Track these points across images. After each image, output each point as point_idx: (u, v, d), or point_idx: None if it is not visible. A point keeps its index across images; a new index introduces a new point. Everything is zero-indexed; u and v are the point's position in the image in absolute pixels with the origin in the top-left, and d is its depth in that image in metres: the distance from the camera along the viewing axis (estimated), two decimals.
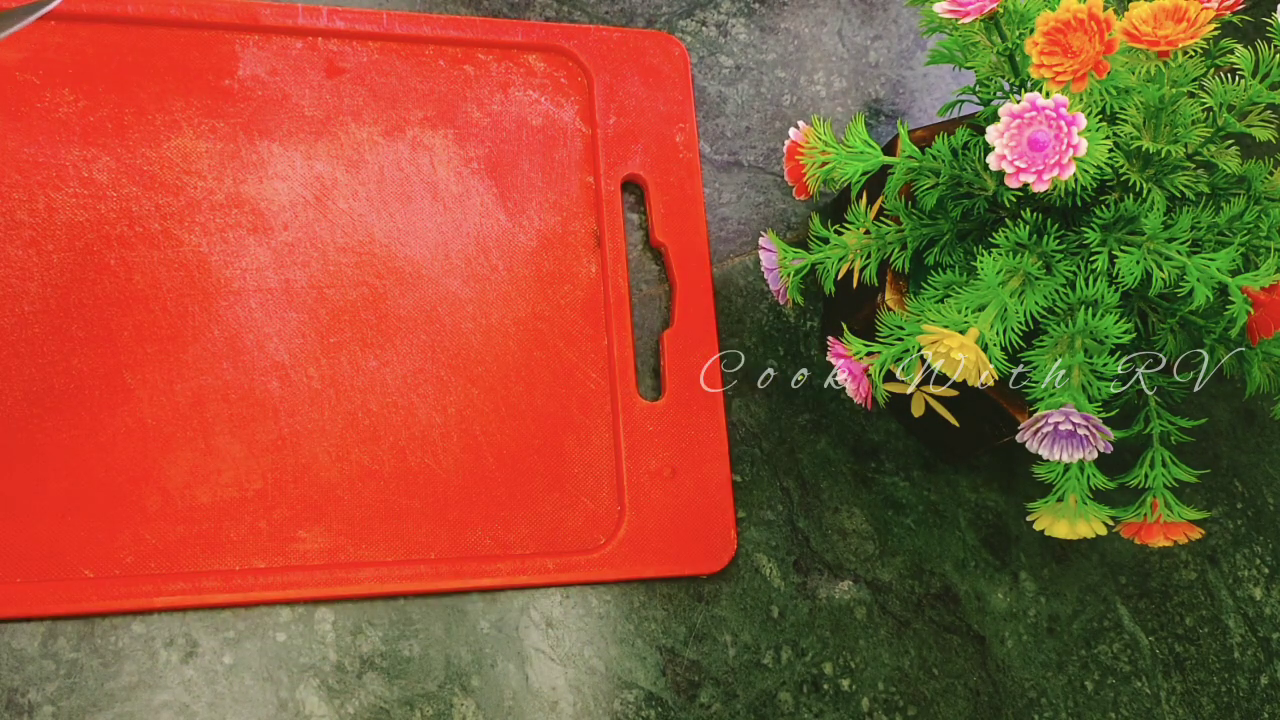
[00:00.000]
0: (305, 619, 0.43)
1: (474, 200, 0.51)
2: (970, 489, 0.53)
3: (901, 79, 0.61)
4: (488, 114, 0.53)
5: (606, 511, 0.48)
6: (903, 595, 0.51)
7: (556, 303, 0.51)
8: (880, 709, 0.48)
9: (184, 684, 0.42)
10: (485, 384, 0.48)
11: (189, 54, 0.49)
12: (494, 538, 0.46)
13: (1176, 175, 0.41)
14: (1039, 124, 0.37)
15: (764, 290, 0.55)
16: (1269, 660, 0.54)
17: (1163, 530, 0.41)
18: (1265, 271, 0.37)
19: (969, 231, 0.45)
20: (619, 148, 0.54)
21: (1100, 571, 0.54)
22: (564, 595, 0.46)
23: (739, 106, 0.58)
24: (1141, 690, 0.52)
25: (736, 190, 0.56)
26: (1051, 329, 0.40)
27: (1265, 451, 0.58)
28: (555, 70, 0.55)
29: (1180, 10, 0.36)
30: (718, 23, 0.59)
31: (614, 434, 0.49)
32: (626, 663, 0.46)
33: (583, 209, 0.53)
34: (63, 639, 0.41)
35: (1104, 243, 0.40)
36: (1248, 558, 0.56)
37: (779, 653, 0.48)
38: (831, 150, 0.45)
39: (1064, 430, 0.39)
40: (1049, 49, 0.37)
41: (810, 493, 0.51)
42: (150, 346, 0.45)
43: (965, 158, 0.45)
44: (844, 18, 0.62)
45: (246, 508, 0.44)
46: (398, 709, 0.43)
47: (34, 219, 0.45)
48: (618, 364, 0.50)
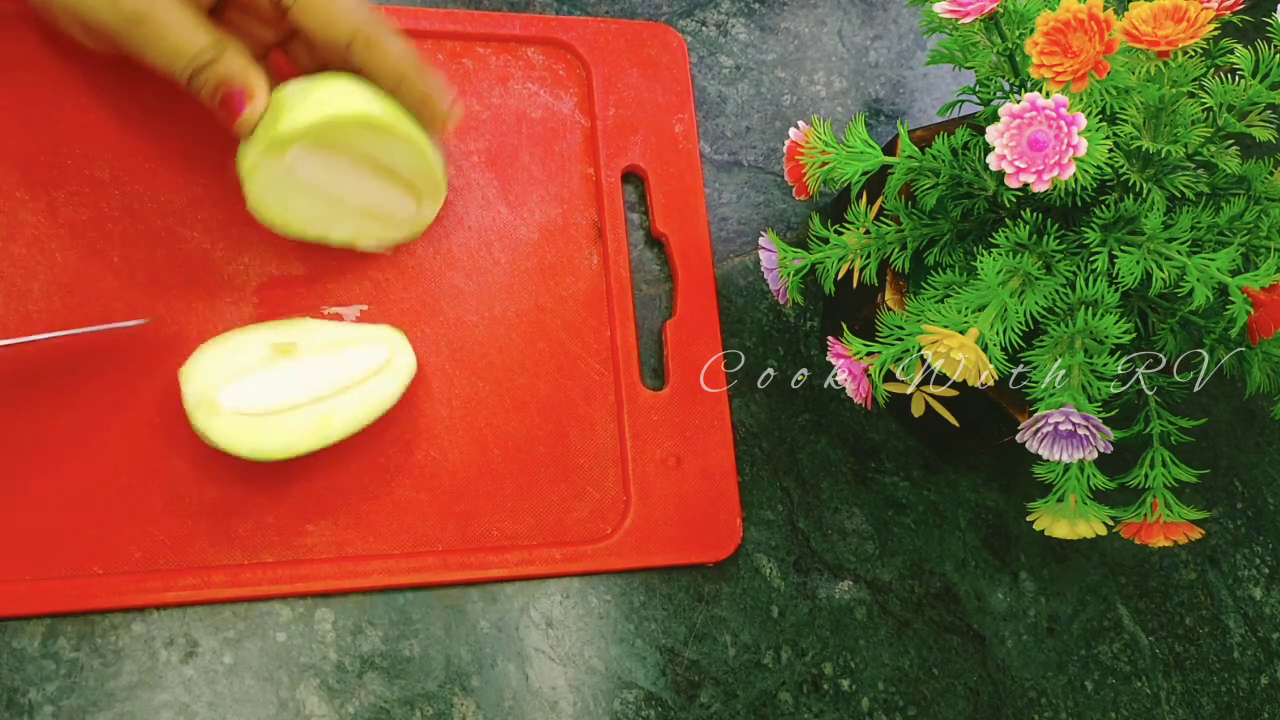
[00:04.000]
0: (305, 618, 0.43)
1: (475, 193, 0.51)
2: (970, 489, 0.53)
3: (901, 79, 0.61)
4: (487, 107, 0.53)
5: (613, 501, 0.48)
6: (903, 595, 0.51)
7: (559, 294, 0.51)
8: (880, 709, 0.48)
9: (184, 684, 0.42)
10: (489, 376, 0.48)
11: None
12: (501, 529, 0.46)
13: (1176, 175, 0.41)
14: (1039, 124, 0.37)
15: (764, 290, 0.55)
16: (1269, 660, 0.54)
17: (1163, 530, 0.41)
18: (1265, 271, 0.37)
19: (969, 231, 0.45)
20: (618, 139, 0.54)
21: (1100, 571, 0.54)
22: (564, 595, 0.46)
23: (739, 106, 0.58)
24: (1141, 690, 0.52)
25: (736, 190, 0.56)
26: (1051, 329, 0.40)
27: (1265, 451, 0.58)
28: (554, 63, 0.55)
29: (1180, 10, 0.36)
30: (718, 22, 0.59)
31: (619, 424, 0.49)
32: (626, 663, 0.46)
33: (583, 200, 0.53)
34: (63, 638, 0.41)
35: (1104, 243, 0.40)
36: (1248, 558, 0.56)
37: (779, 653, 0.48)
38: (831, 150, 0.45)
39: (1064, 430, 0.39)
40: (1049, 49, 0.37)
41: (810, 493, 0.51)
42: (155, 341, 0.45)
43: (965, 158, 0.45)
44: (844, 18, 0.62)
45: (254, 503, 0.44)
46: (398, 709, 0.43)
47: (36, 218, 0.45)
48: (621, 354, 0.50)
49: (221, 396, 0.42)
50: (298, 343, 0.44)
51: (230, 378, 0.42)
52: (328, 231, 0.47)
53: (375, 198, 0.47)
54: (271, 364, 0.43)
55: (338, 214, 0.46)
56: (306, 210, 0.46)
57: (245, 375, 0.43)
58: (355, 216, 0.47)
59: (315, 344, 0.44)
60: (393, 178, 0.46)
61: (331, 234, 0.47)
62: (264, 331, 0.44)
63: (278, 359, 0.43)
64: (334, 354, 0.44)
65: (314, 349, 0.44)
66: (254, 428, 0.42)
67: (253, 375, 0.43)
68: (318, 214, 0.46)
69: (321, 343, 0.45)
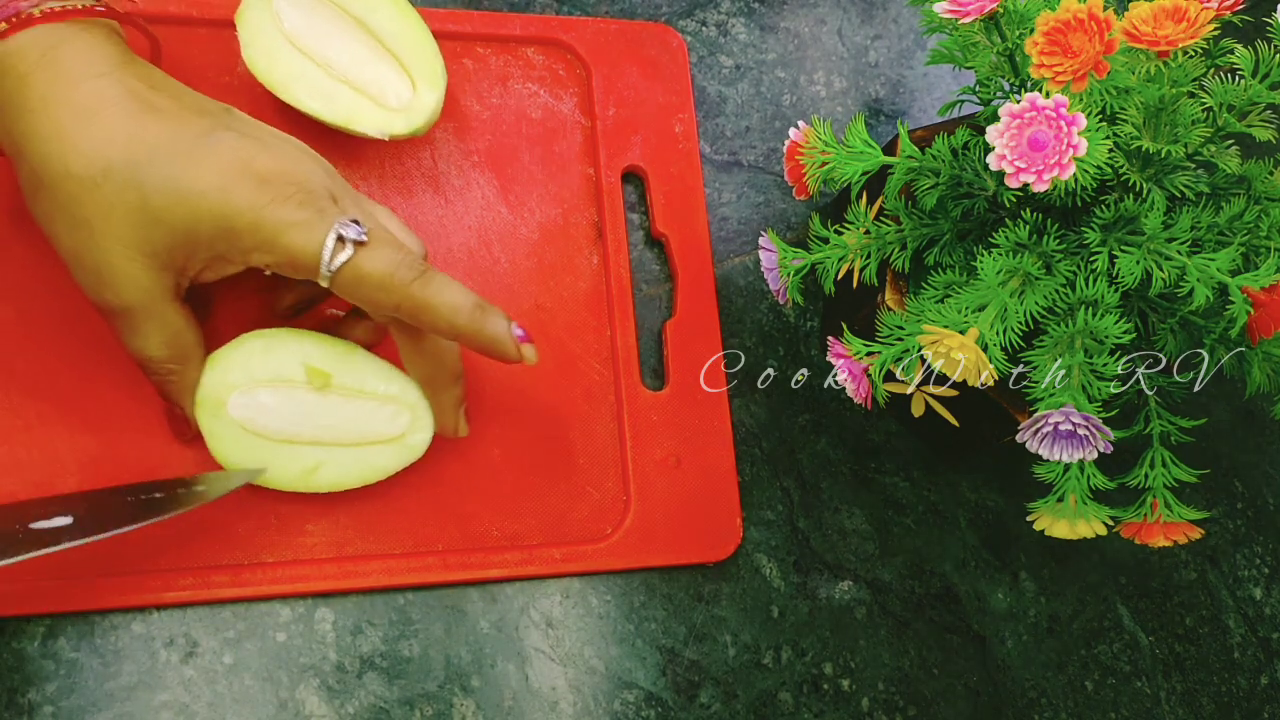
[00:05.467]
0: (305, 619, 0.43)
1: (475, 193, 0.51)
2: (970, 489, 0.53)
3: (901, 79, 0.61)
4: (487, 107, 0.53)
5: (613, 501, 0.48)
6: (903, 595, 0.51)
7: (559, 294, 0.51)
8: (880, 709, 0.48)
9: (184, 684, 0.42)
10: (489, 376, 0.48)
11: (189, 51, 0.49)
12: (501, 529, 0.46)
13: (1176, 175, 0.41)
14: (1039, 124, 0.37)
15: (764, 290, 0.55)
16: (1269, 660, 0.54)
17: (1163, 530, 0.41)
18: (1265, 271, 0.37)
19: (969, 231, 0.45)
20: (618, 139, 0.54)
21: (1100, 571, 0.54)
22: (564, 595, 0.46)
23: (739, 106, 0.58)
24: (1141, 690, 0.52)
25: (736, 190, 0.56)
26: (1051, 329, 0.40)
27: (1265, 451, 0.58)
28: (554, 63, 0.55)
29: (1180, 10, 0.36)
30: (718, 22, 0.59)
31: (619, 424, 0.49)
32: (626, 663, 0.46)
33: (583, 200, 0.53)
34: (63, 639, 0.41)
35: (1104, 243, 0.40)
36: (1248, 558, 0.56)
37: (779, 653, 0.48)
38: (831, 150, 0.45)
39: (1064, 430, 0.39)
40: (1049, 49, 0.37)
41: (810, 493, 0.51)
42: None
43: (965, 158, 0.45)
44: (844, 18, 0.62)
45: (255, 502, 0.44)
46: (398, 709, 0.43)
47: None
48: (621, 354, 0.50)
49: (231, 402, 0.41)
50: (333, 374, 0.42)
51: (249, 382, 0.42)
52: (321, 104, 0.46)
53: (366, 69, 0.47)
54: (295, 386, 0.42)
55: (329, 83, 0.46)
56: (297, 69, 0.46)
57: (263, 388, 0.42)
58: (348, 91, 0.47)
59: (347, 382, 0.43)
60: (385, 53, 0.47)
61: (324, 109, 0.47)
62: (308, 344, 0.42)
63: (303, 386, 0.42)
64: (357, 403, 0.43)
65: (342, 388, 0.43)
66: (246, 445, 0.42)
67: (271, 390, 0.42)
68: (308, 77, 0.46)
69: (353, 384, 0.43)
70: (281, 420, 0.42)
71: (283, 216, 0.38)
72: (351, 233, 0.38)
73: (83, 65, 0.38)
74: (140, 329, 0.40)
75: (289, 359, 0.42)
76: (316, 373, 0.42)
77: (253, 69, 0.46)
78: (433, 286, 0.39)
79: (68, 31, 0.38)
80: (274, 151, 0.39)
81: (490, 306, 0.41)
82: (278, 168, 0.39)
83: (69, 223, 0.38)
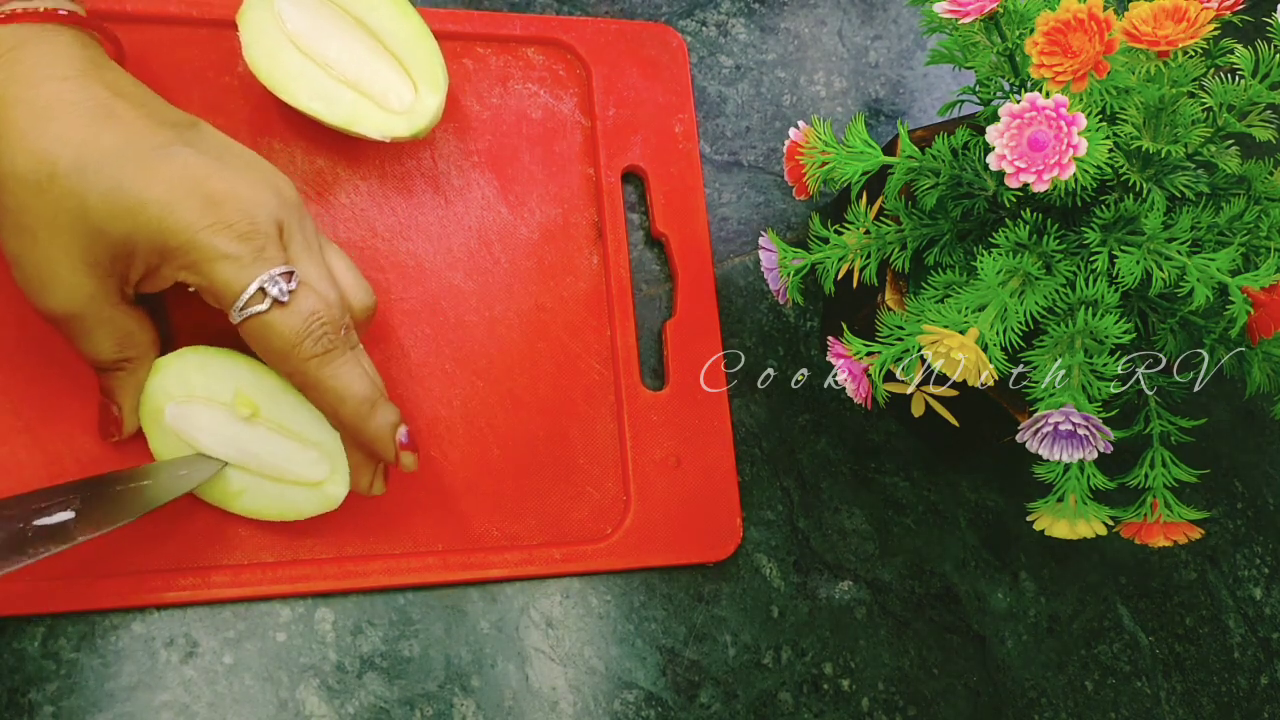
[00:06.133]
0: (305, 619, 0.43)
1: (475, 193, 0.51)
2: (970, 489, 0.53)
3: (901, 79, 0.61)
4: (487, 107, 0.53)
5: (613, 501, 0.48)
6: (903, 595, 0.51)
7: (559, 294, 0.51)
8: (880, 709, 0.48)
9: (184, 684, 0.42)
10: (490, 376, 0.48)
11: (188, 51, 0.49)
12: (501, 529, 0.46)
13: (1176, 175, 0.41)
14: (1039, 124, 0.37)
15: (764, 290, 0.55)
16: (1269, 660, 0.54)
17: (1163, 530, 0.41)
18: (1265, 271, 0.37)
19: (969, 231, 0.45)
20: (618, 139, 0.54)
21: (1100, 571, 0.54)
22: (564, 595, 0.46)
23: (739, 106, 0.58)
24: (1141, 690, 0.52)
25: (736, 190, 0.56)
26: (1051, 329, 0.40)
27: (1265, 451, 0.58)
28: (554, 63, 0.55)
29: (1180, 10, 0.36)
30: (718, 23, 0.59)
31: (619, 424, 0.49)
32: (626, 663, 0.46)
33: (583, 200, 0.53)
34: (63, 639, 0.41)
35: (1104, 243, 0.40)
36: (1248, 558, 0.56)
37: (779, 653, 0.48)
38: (831, 150, 0.45)
39: (1064, 430, 0.39)
40: (1049, 49, 0.37)
41: (810, 493, 0.51)
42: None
43: (965, 158, 0.45)
44: (844, 18, 0.62)
45: None
46: (398, 709, 0.43)
47: None
48: (621, 354, 0.50)
49: (168, 411, 0.41)
50: (261, 407, 0.42)
51: (184, 396, 0.41)
52: (322, 106, 0.46)
53: (368, 71, 0.47)
54: (226, 409, 0.41)
55: (331, 84, 0.47)
56: (299, 70, 0.46)
57: (199, 403, 0.41)
58: (350, 93, 0.47)
59: (275, 415, 0.42)
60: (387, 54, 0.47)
61: (326, 110, 0.47)
62: (244, 370, 0.42)
63: (231, 411, 0.41)
64: (280, 440, 0.42)
65: (269, 421, 0.42)
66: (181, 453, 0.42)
67: (205, 407, 0.41)
68: (309, 78, 0.46)
69: (279, 420, 0.42)
70: (211, 439, 0.41)
71: (217, 245, 0.37)
72: (274, 289, 0.38)
73: (45, 67, 0.37)
74: (91, 334, 0.40)
75: (224, 381, 0.42)
76: (245, 401, 0.41)
77: (254, 69, 0.46)
78: (328, 369, 0.39)
79: (30, 33, 0.38)
80: (230, 174, 0.38)
81: (384, 404, 0.40)
82: (229, 192, 0.38)
83: (14, 228, 0.37)
